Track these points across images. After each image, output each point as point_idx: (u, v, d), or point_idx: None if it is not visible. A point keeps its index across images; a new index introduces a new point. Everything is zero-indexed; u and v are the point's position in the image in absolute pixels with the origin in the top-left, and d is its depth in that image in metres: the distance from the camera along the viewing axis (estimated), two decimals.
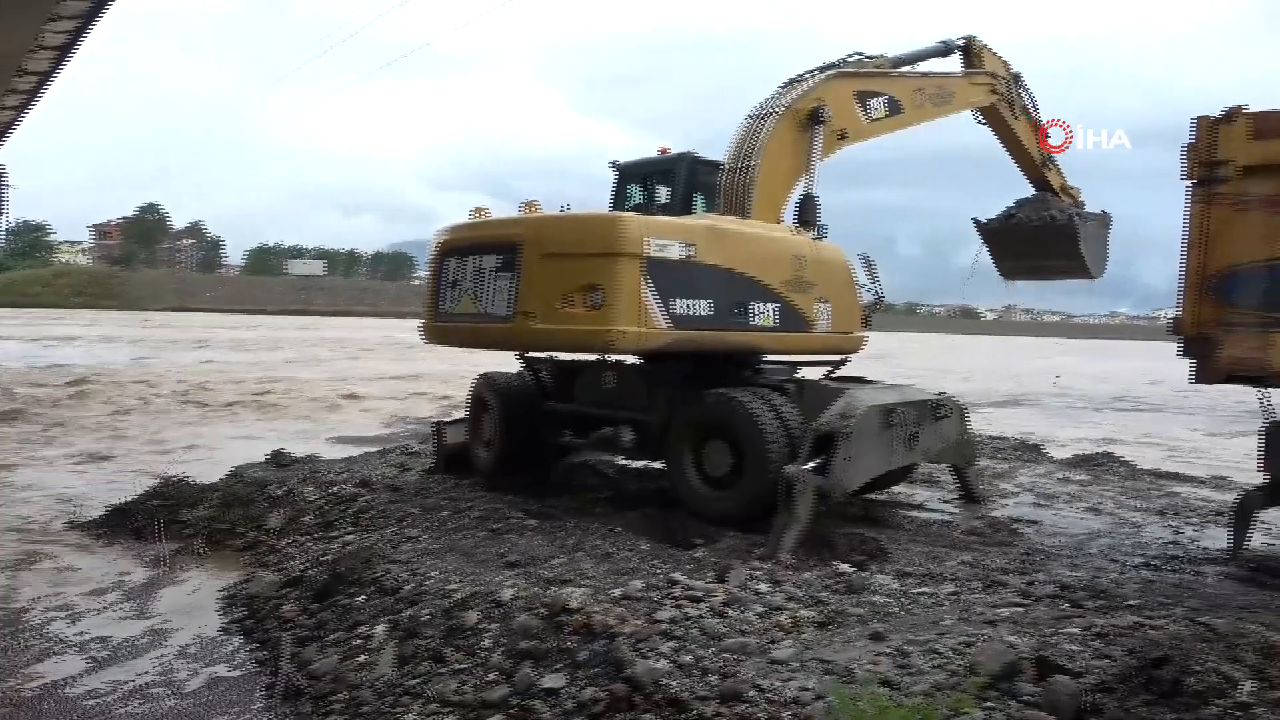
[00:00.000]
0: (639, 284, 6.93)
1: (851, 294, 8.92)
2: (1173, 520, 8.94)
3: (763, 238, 8.25)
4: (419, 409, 18.41)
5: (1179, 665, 3.99)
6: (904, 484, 9.69)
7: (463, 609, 5.19)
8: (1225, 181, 6.37)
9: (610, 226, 7.15)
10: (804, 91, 9.51)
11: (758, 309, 7.82)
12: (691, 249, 7.30)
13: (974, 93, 11.65)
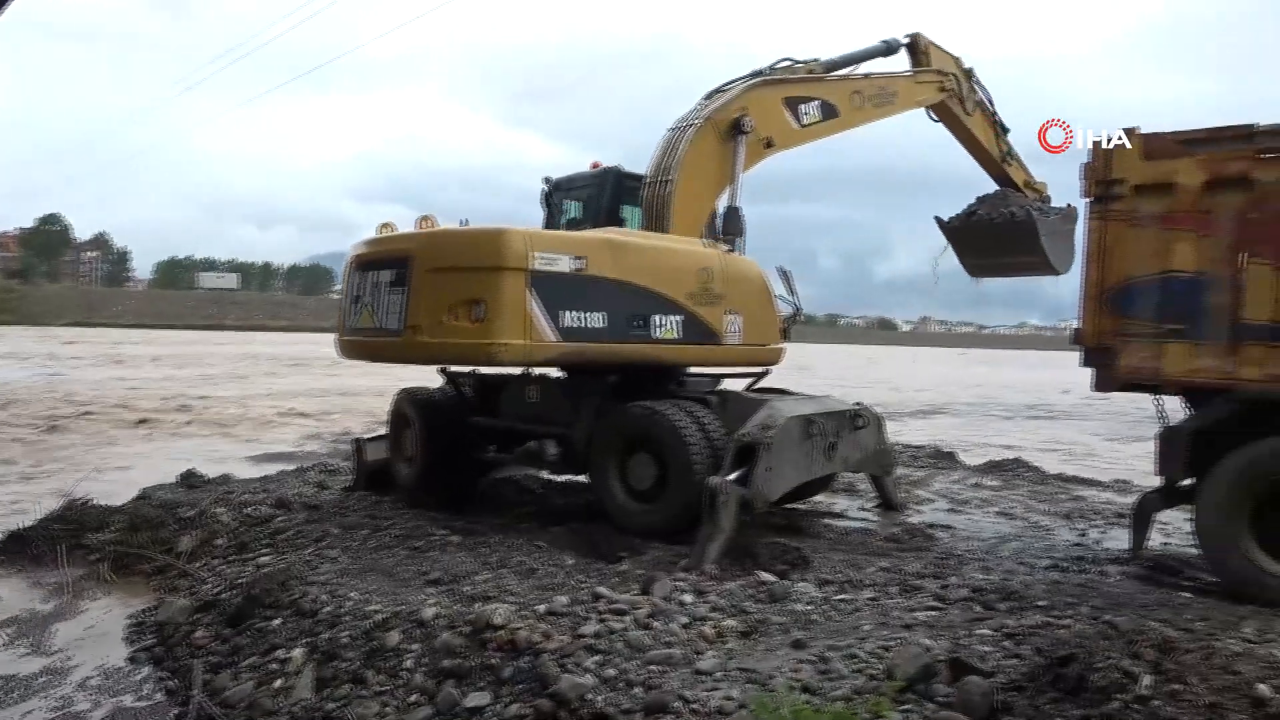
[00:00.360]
0: (524, 297, 6.97)
1: (766, 307, 8.86)
2: (1078, 523, 9.32)
3: (665, 250, 8.21)
4: (339, 426, 18.02)
5: (1084, 662, 4.16)
6: (825, 493, 9.88)
7: (384, 629, 5.10)
8: (1120, 200, 6.70)
9: (493, 241, 7.12)
10: (725, 102, 9.49)
11: (659, 321, 7.79)
12: (583, 262, 7.32)
13: (920, 91, 11.48)
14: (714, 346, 8.28)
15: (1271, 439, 6.17)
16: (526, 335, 7.01)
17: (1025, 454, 14.71)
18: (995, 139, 12.24)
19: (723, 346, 8.34)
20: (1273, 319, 6.17)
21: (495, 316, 6.95)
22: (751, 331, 8.55)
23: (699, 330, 8.08)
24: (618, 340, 7.51)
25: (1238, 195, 6.33)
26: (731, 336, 8.36)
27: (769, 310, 8.90)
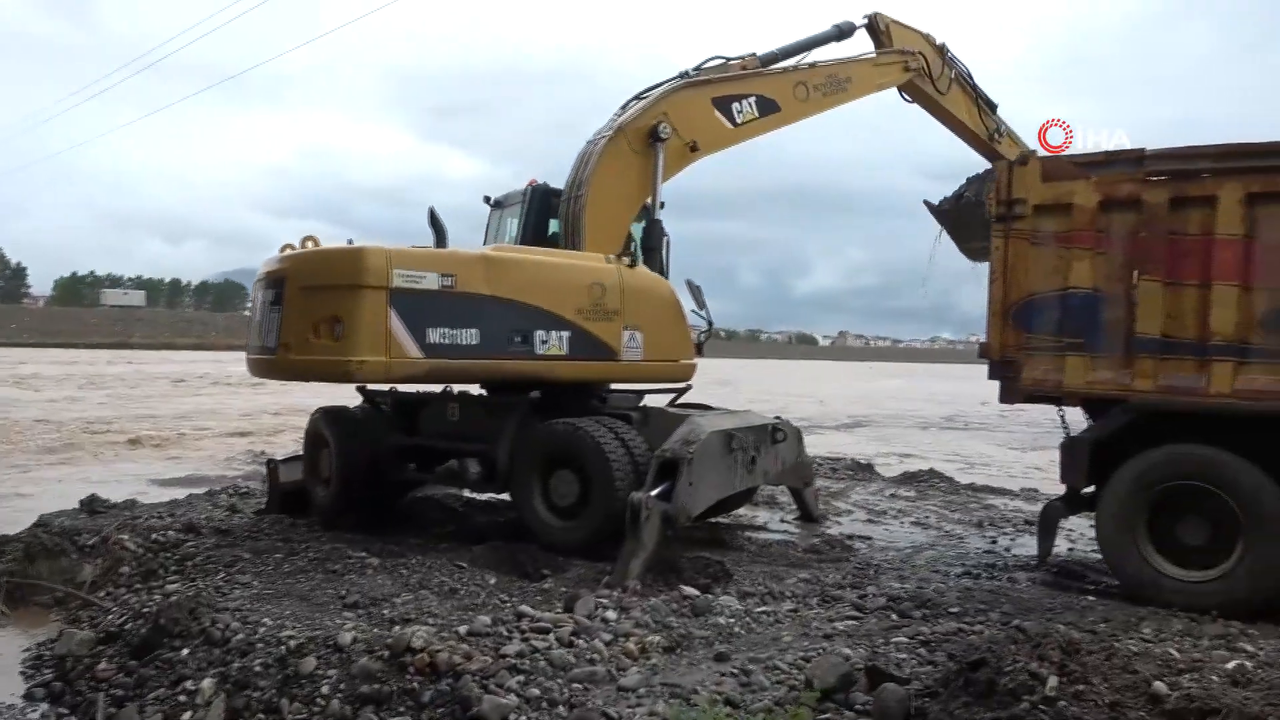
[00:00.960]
0: (384, 315, 7.00)
1: (674, 322, 8.70)
2: (989, 531, 9.64)
3: (550, 266, 8.15)
4: (252, 446, 17.48)
5: (993, 667, 4.30)
6: (746, 506, 10.00)
7: (298, 656, 4.95)
8: (1021, 219, 7.00)
9: (352, 260, 7.17)
10: (640, 110, 9.28)
11: (543, 337, 7.74)
12: (451, 279, 7.35)
13: (881, 74, 10.93)
14: (610, 363, 8.16)
15: (1164, 447, 6.50)
16: (386, 352, 7.04)
17: (940, 464, 15.14)
18: (980, 116, 11.62)
19: (621, 363, 8.21)
20: (1163, 333, 6.52)
21: (353, 334, 7.04)
22: (655, 347, 8.41)
23: (591, 346, 7.97)
24: (493, 356, 7.50)
25: (1130, 215, 6.67)
26: (631, 352, 8.24)
27: (676, 326, 8.72)
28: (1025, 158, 7.07)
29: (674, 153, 9.34)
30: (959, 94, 11.49)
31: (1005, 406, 7.61)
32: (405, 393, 9.02)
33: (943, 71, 11.27)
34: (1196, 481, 6.40)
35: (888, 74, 10.96)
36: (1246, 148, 6.75)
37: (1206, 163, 6.50)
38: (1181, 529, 6.55)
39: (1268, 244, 6.20)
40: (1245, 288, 6.26)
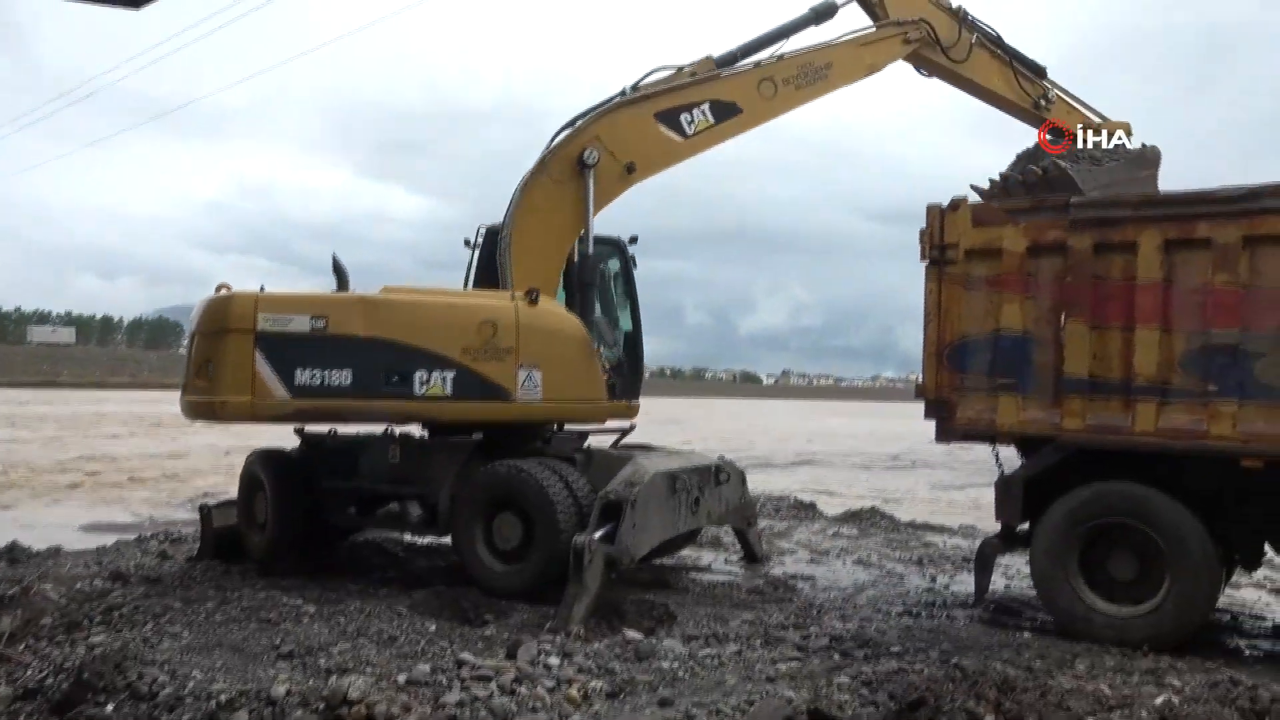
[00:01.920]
0: (250, 357, 7.47)
1: (580, 360, 8.25)
2: (929, 569, 9.77)
3: (435, 305, 8.11)
4: (185, 490, 16.98)
5: (932, 706, 4.36)
6: (690, 547, 10.01)
7: (229, 710, 4.80)
8: (953, 263, 7.21)
9: (222, 306, 7.72)
10: (567, 137, 8.82)
11: (423, 377, 7.70)
12: (323, 321, 7.62)
13: (871, 53, 9.72)
14: (502, 403, 7.93)
15: (1093, 485, 6.70)
16: (251, 393, 7.48)
17: (882, 503, 15.33)
18: (1017, 82, 10.08)
19: (516, 404, 7.95)
20: (1090, 374, 6.74)
21: (219, 375, 7.61)
22: (556, 387, 8.07)
23: (478, 386, 7.82)
24: (366, 397, 7.62)
25: (1056, 260, 6.92)
26: (528, 393, 7.96)
27: (584, 365, 8.28)
28: (956, 204, 7.28)
29: (609, 177, 8.79)
30: (986, 60, 10.04)
31: (950, 444, 7.75)
32: (345, 435, 8.91)
33: (960, 37, 9.85)
34: (1124, 518, 6.60)
35: (881, 51, 9.76)
36: (1164, 197, 7.10)
37: (1127, 211, 6.78)
38: (1111, 564, 6.73)
39: (1184, 288, 6.47)
40: (1165, 330, 6.52)
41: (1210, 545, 6.37)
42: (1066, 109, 10.21)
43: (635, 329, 9.77)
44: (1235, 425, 6.26)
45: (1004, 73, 10.11)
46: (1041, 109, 10.08)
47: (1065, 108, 10.23)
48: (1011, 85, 10.10)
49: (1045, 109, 10.08)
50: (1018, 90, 10.09)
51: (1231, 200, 6.41)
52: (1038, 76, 10.22)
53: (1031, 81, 10.15)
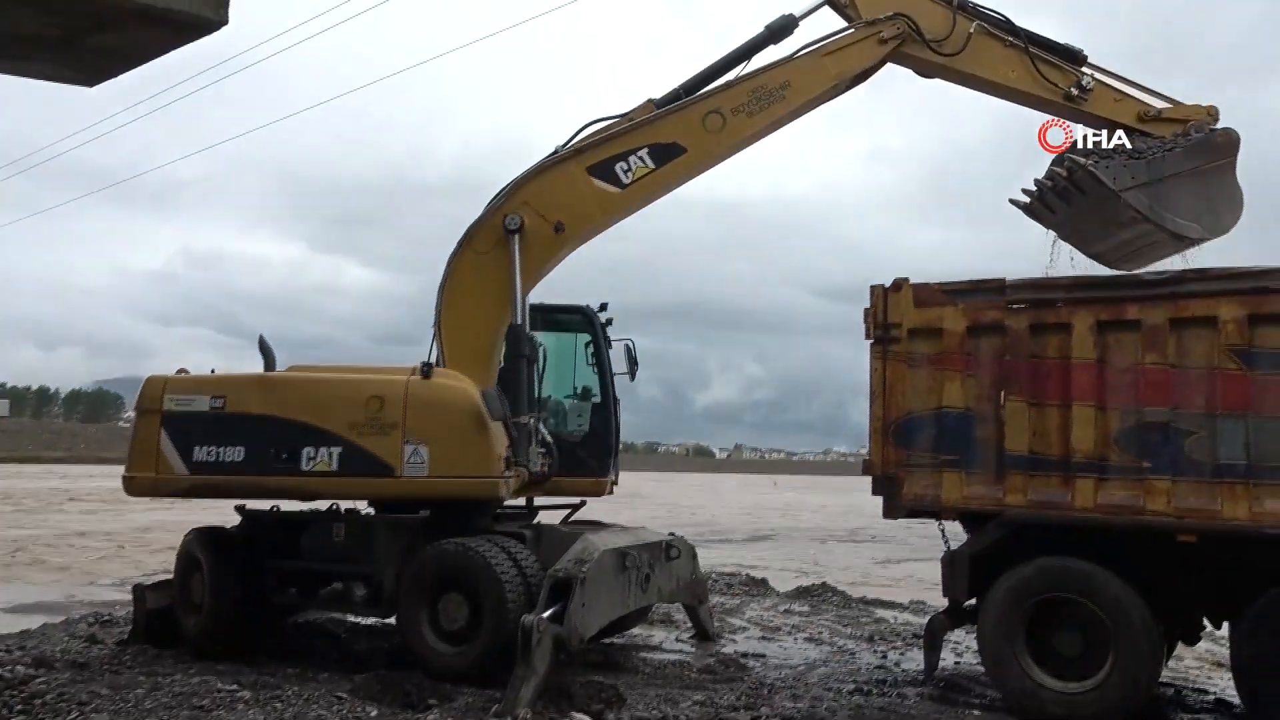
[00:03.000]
0: (156, 435, 8.22)
1: (470, 435, 7.84)
2: (880, 645, 9.75)
3: (326, 382, 8.28)
4: (118, 569, 16.35)
5: None
6: (641, 625, 9.88)
7: None
8: (897, 342, 7.39)
9: (142, 387, 8.54)
10: (491, 206, 8.55)
11: (311, 454, 7.85)
12: (221, 401, 8.17)
13: (838, 62, 8.63)
14: (387, 479, 7.81)
15: (1037, 560, 6.79)
16: (155, 469, 8.21)
17: (833, 577, 15.30)
18: (1039, 72, 8.48)
19: (400, 479, 7.79)
20: (1030, 450, 6.90)
21: (131, 452, 8.43)
22: (444, 463, 7.79)
23: (365, 462, 7.80)
24: (257, 473, 7.96)
25: (995, 340, 7.14)
26: (413, 468, 7.78)
27: (475, 439, 7.84)
28: (899, 284, 7.49)
29: (539, 242, 8.38)
30: (993, 49, 8.59)
31: (904, 520, 7.80)
32: (288, 512, 8.74)
33: (954, 27, 8.53)
34: (1068, 593, 6.69)
35: (850, 57, 8.64)
36: (1096, 280, 7.40)
37: (1060, 293, 7.05)
38: (1057, 640, 6.79)
39: (1117, 367, 6.71)
40: (1101, 408, 6.73)
41: (1151, 619, 6.48)
42: (1113, 99, 8.50)
43: (605, 401, 9.46)
44: (1170, 501, 6.44)
45: (1019, 62, 8.54)
46: (1076, 100, 8.47)
47: (1111, 97, 8.51)
48: (1031, 75, 8.51)
49: (1081, 100, 8.46)
50: (1040, 81, 8.50)
51: (1158, 284, 6.71)
52: (1072, 63, 8.56)
53: (1061, 70, 8.51)
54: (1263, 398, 6.26)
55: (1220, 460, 6.35)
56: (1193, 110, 8.29)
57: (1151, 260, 8.33)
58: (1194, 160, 7.86)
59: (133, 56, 3.66)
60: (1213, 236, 8.01)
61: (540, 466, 8.34)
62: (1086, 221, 8.26)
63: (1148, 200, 7.72)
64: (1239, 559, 6.42)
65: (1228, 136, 7.97)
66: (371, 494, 8.22)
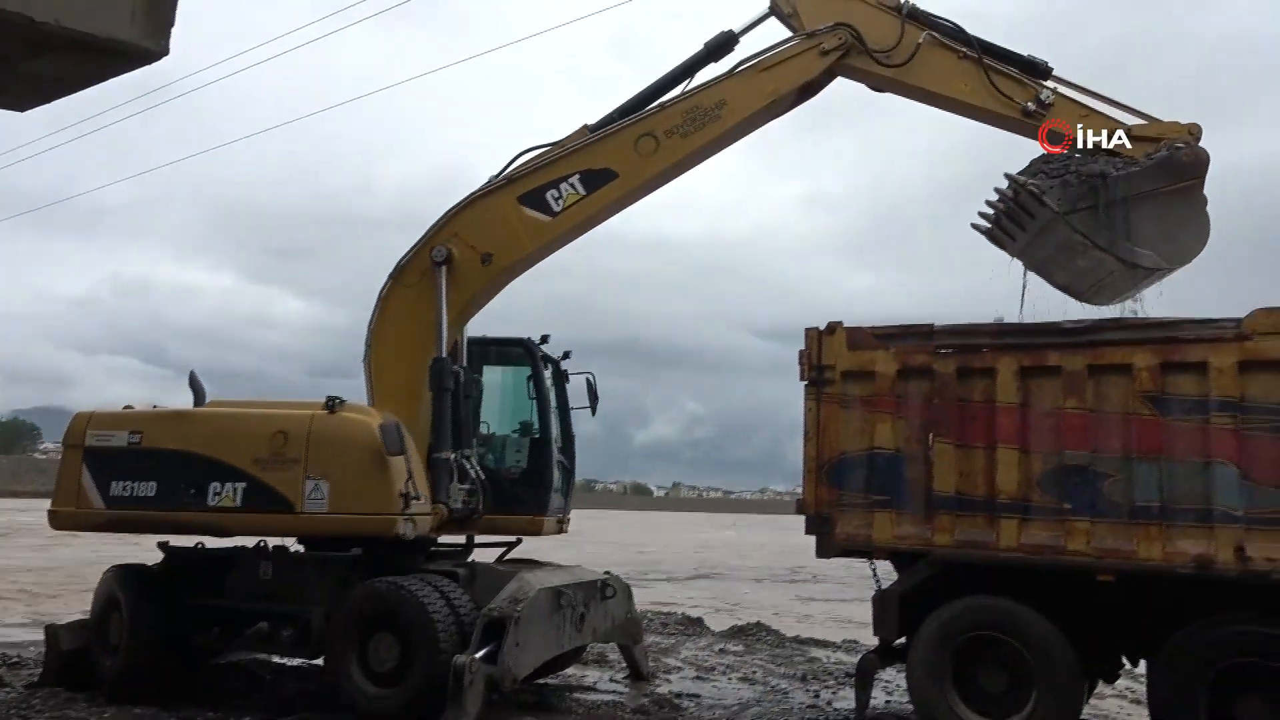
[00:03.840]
0: (78, 470, 8.34)
1: (369, 472, 7.68)
2: (813, 684, 9.81)
3: (234, 416, 8.33)
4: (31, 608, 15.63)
5: None
6: (575, 665, 9.79)
7: None
8: (831, 384, 7.55)
9: (70, 423, 8.65)
10: (420, 240, 8.49)
11: (216, 489, 7.89)
12: (139, 436, 8.25)
13: (775, 78, 8.23)
14: (287, 515, 7.77)
15: (964, 599, 6.95)
16: (76, 503, 8.32)
17: (769, 617, 15.36)
18: (993, 86, 7.91)
19: (300, 516, 7.74)
20: (957, 490, 7.08)
21: (56, 486, 8.58)
22: (343, 499, 7.69)
23: (267, 497, 7.80)
24: (168, 508, 8.02)
25: (924, 383, 7.33)
26: (313, 504, 7.70)
27: (373, 476, 7.68)
28: (833, 327, 7.66)
29: (468, 273, 8.28)
30: (945, 61, 8.07)
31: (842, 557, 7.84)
32: (212, 549, 8.52)
33: (902, 37, 8.04)
34: (993, 632, 6.84)
35: (788, 71, 8.24)
36: (1019, 327, 7.65)
37: (986, 339, 7.29)
38: (983, 678, 6.92)
39: (1039, 411, 6.95)
40: (1024, 450, 6.94)
41: (1073, 657, 6.65)
42: (1078, 114, 7.84)
43: (545, 436, 9.20)
44: (1089, 541, 6.66)
45: (973, 75, 8.00)
46: (1035, 116, 7.86)
47: (1076, 113, 7.85)
48: (985, 89, 7.96)
49: (1040, 115, 7.86)
50: (995, 95, 7.94)
51: (1077, 332, 6.99)
52: (1035, 77, 8.00)
53: (1019, 83, 7.96)
54: (1174, 442, 6.53)
55: (1136, 502, 6.58)
56: (1169, 128, 7.61)
57: (1119, 294, 7.79)
58: (1154, 181, 7.28)
59: (68, 83, 3.61)
60: (1174, 266, 7.40)
61: (461, 504, 8.17)
62: (1044, 248, 7.71)
63: (1097, 225, 7.23)
64: (1154, 598, 6.66)
65: (1195, 155, 7.33)
66: (272, 530, 8.20)
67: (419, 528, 7.79)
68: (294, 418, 7.98)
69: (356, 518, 7.73)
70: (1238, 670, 6.14)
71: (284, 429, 7.88)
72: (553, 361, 9.67)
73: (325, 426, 7.89)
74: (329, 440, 7.84)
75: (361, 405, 8.22)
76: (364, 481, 7.71)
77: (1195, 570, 6.31)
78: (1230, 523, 6.25)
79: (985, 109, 8.05)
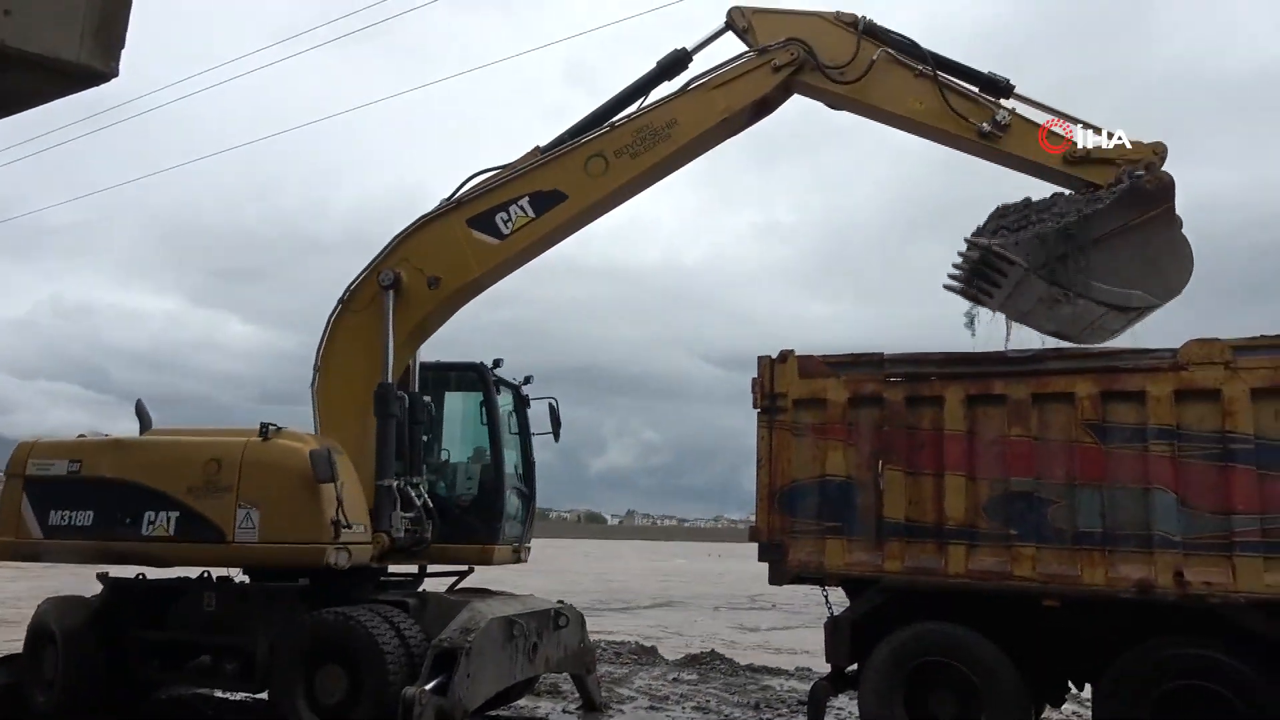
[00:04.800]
0: (18, 499, 8.27)
1: (300, 500, 7.50)
2: (765, 713, 9.80)
3: (169, 444, 8.25)
4: None
5: None
6: (527, 696, 9.67)
7: None
8: (783, 411, 7.61)
9: (13, 452, 8.57)
10: (369, 266, 8.39)
11: (150, 518, 7.79)
12: (78, 465, 8.18)
13: (727, 95, 8.08)
14: (219, 545, 7.61)
15: (914, 625, 7.01)
16: (15, 532, 8.21)
17: (721, 644, 15.32)
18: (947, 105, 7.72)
19: (230, 545, 7.58)
20: (907, 518, 7.17)
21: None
22: (273, 528, 7.54)
23: (199, 526, 7.66)
24: (104, 538, 7.90)
25: (874, 411, 7.43)
26: (244, 533, 7.55)
27: (306, 504, 7.48)
28: (785, 355, 7.75)
29: (416, 298, 8.19)
30: (900, 78, 7.87)
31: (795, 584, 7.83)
32: (155, 580, 8.31)
33: (856, 53, 7.85)
34: (943, 657, 6.91)
35: (741, 89, 8.08)
36: (966, 356, 7.79)
37: (933, 368, 7.41)
38: (933, 703, 6.98)
39: (985, 439, 7.08)
40: (971, 478, 7.06)
41: (1020, 682, 6.74)
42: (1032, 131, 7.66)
43: (497, 463, 9.01)
44: (1035, 567, 6.77)
45: (930, 93, 7.79)
46: (990, 138, 7.64)
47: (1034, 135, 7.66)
48: (940, 109, 7.74)
49: (995, 137, 7.63)
50: (950, 115, 7.71)
51: (1021, 361, 7.15)
52: (995, 94, 7.80)
53: (975, 103, 7.76)
54: (1115, 469, 6.70)
55: (1079, 528, 6.73)
56: (1134, 150, 7.33)
57: (1113, 332, 7.52)
58: (1121, 216, 6.99)
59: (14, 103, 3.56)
60: (1163, 300, 7.18)
61: (405, 532, 8.02)
62: (1025, 301, 7.41)
63: (1074, 272, 6.94)
64: (1098, 622, 6.78)
65: (1158, 180, 7.03)
66: (204, 560, 8.06)
67: (355, 557, 7.57)
68: (228, 445, 7.86)
69: (287, 547, 7.56)
70: (1180, 693, 6.27)
71: (217, 456, 7.76)
72: (512, 387, 9.60)
73: (257, 454, 7.75)
74: (260, 467, 7.70)
75: (297, 432, 8.03)
76: (294, 510, 7.54)
77: (1137, 595, 6.46)
78: (1169, 548, 6.41)
79: (939, 129, 7.86)
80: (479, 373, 9.28)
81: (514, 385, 9.59)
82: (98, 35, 3.17)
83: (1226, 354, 6.51)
